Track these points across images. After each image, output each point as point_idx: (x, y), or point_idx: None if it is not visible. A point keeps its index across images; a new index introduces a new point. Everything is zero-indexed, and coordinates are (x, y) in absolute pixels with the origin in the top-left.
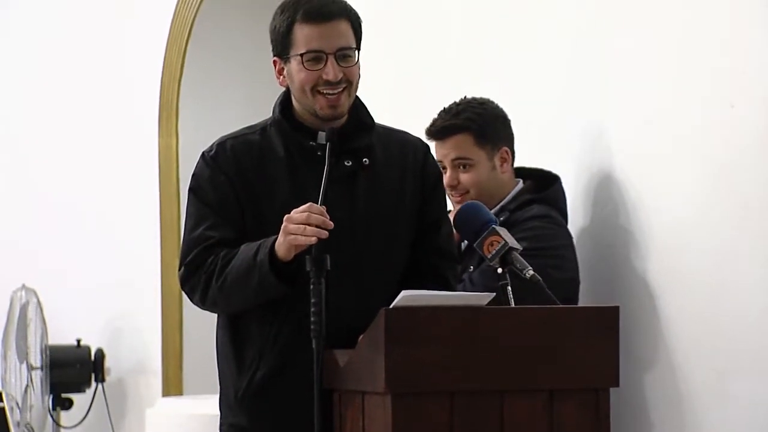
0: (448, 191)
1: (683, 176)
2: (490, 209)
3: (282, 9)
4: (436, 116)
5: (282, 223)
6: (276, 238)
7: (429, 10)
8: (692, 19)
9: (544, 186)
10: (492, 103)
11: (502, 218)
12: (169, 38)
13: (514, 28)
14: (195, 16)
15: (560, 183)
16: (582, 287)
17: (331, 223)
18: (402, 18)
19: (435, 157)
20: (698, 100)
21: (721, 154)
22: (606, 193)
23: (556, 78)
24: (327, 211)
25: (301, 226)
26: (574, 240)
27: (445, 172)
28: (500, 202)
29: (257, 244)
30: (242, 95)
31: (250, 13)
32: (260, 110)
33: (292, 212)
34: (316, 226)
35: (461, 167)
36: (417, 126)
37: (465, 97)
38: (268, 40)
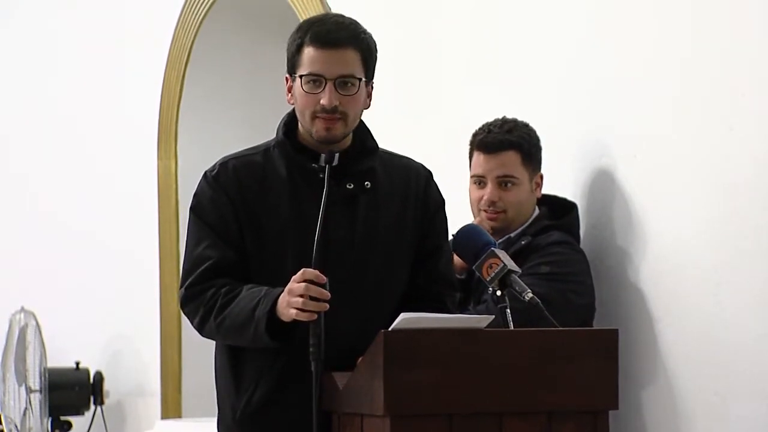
0: (484, 207)
1: (682, 198)
2: (513, 231)
3: (298, 28)
4: (483, 129)
5: (281, 244)
6: (279, 294)
7: (428, 14)
8: (691, 40)
9: (560, 213)
10: (531, 126)
11: (523, 242)
12: (168, 61)
13: (512, 47)
14: (194, 39)
15: (577, 211)
16: None
17: (328, 293)
18: (400, 23)
19: (475, 171)
20: (697, 123)
21: (720, 176)
22: (605, 215)
23: (553, 101)
24: (327, 233)
25: (299, 299)
26: None
27: (483, 188)
28: (521, 226)
29: (260, 294)
30: (241, 117)
31: (249, 36)
32: (259, 132)
33: (290, 282)
34: (317, 298)
35: (504, 185)
36: (415, 130)
37: (504, 117)
38: (267, 63)
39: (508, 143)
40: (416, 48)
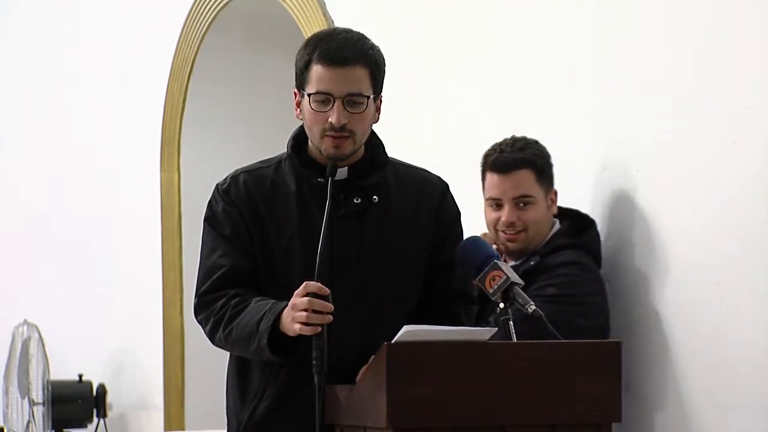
0: (502, 228)
1: (685, 211)
2: (533, 249)
3: (306, 43)
4: (494, 149)
5: (288, 257)
6: (283, 308)
7: (426, 15)
8: (693, 54)
9: (578, 229)
10: (540, 143)
11: (532, 263)
12: (171, 74)
13: (512, 52)
14: (197, 52)
15: (596, 228)
16: None
17: (331, 306)
18: (398, 25)
19: (490, 194)
20: (700, 136)
21: (723, 189)
22: (608, 228)
23: (554, 117)
24: (333, 247)
25: (302, 313)
26: None
27: (500, 210)
28: (539, 244)
29: (266, 307)
30: (244, 131)
31: (252, 49)
32: (262, 145)
33: (293, 297)
34: (320, 311)
35: (521, 205)
36: (414, 133)
37: (513, 136)
38: (270, 76)
39: (521, 161)
40: (415, 49)
